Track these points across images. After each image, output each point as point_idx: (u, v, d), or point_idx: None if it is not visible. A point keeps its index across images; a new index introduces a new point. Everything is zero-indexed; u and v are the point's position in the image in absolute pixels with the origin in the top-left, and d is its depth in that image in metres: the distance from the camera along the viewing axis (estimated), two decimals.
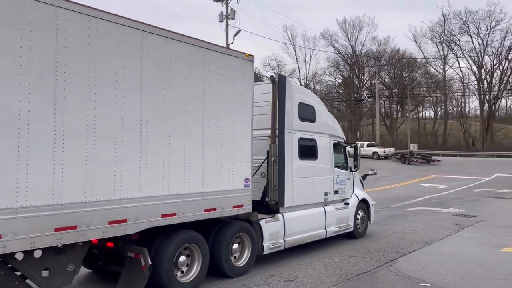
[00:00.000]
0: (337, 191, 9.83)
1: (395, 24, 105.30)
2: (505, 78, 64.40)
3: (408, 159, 40.21)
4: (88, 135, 5.10)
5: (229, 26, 30.27)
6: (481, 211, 15.18)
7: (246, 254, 7.42)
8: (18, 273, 4.91)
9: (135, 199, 5.60)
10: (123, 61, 5.50)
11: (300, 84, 76.04)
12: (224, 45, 30.17)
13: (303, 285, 6.90)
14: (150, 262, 5.70)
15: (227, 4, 30.49)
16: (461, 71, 68.57)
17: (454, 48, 67.48)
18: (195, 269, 6.45)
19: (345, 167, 10.37)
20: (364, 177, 11.73)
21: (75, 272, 5.26)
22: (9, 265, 4.82)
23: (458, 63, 68.28)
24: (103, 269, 6.67)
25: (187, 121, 6.28)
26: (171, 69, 6.06)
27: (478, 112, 67.71)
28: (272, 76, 8.14)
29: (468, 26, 65.27)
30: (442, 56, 68.64)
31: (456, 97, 71.68)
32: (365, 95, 70.91)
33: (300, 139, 8.67)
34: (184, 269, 6.38)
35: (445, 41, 67.51)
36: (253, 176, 7.56)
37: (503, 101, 68.67)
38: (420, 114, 78.73)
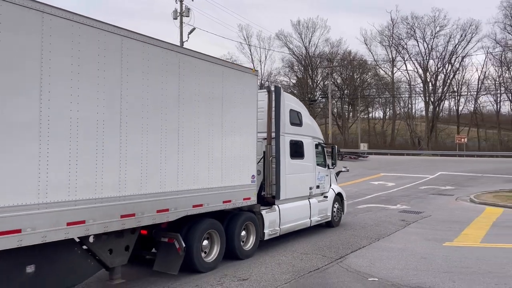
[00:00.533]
0: (318, 186, 11.17)
1: (347, 27, 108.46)
2: (448, 80, 68.16)
3: (341, 155, 43.39)
4: (143, 140, 6.36)
5: (183, 24, 29.88)
6: (426, 208, 15.96)
7: (252, 240, 8.67)
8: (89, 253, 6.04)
9: (174, 192, 6.83)
10: (183, 83, 7.07)
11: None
12: (178, 43, 29.75)
13: (256, 283, 6.95)
14: (184, 245, 6.93)
15: (181, 1, 30.08)
16: (408, 73, 71.73)
17: (402, 52, 70.59)
18: (215, 251, 7.74)
19: (324, 164, 11.67)
20: (338, 173, 12.89)
21: (129, 253, 6.49)
22: (84, 246, 5.93)
23: (406, 66, 71.53)
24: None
25: (211, 131, 7.62)
26: (200, 89, 7.40)
27: (423, 113, 71.18)
28: (268, 86, 9.65)
29: (414, 31, 68.48)
30: (391, 59, 71.55)
31: (403, 99, 74.97)
32: (318, 96, 72.49)
33: (291, 141, 9.92)
34: (207, 251, 7.63)
35: (393, 45, 70.42)
36: None
37: (446, 102, 72.47)
38: (370, 115, 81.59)
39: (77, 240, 5.74)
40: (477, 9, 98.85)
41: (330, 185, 11.89)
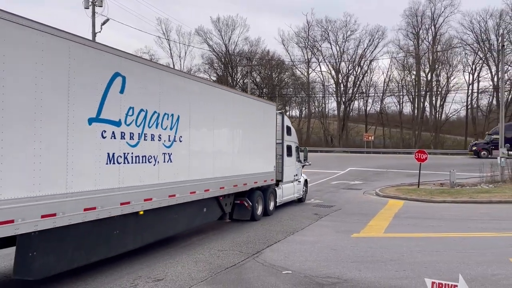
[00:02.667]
0: (297, 174, 16.21)
1: (266, 27, 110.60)
2: (358, 82, 72.70)
3: None
4: (234, 146, 11.27)
5: (96, 14, 28.24)
6: (337, 201, 16.91)
7: (272, 204, 13.83)
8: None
9: (249, 174, 11.97)
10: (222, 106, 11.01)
11: None
12: (91, 34, 28.08)
13: (172, 283, 6.81)
14: (250, 203, 12.11)
15: None
16: (322, 74, 75.13)
17: (317, 53, 73.81)
18: (260, 209, 12.91)
19: (299, 160, 16.62)
20: (303, 166, 17.41)
21: (231, 206, 11.63)
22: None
23: (320, 67, 74.87)
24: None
25: (259, 140, 12.84)
26: (233, 111, 11.37)
27: (335, 112, 75.18)
28: (282, 112, 15.14)
29: (328, 34, 71.96)
30: (306, 60, 74.51)
31: (318, 98, 78.52)
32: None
33: (287, 145, 15.03)
34: (258, 208, 12.73)
35: (309, 46, 73.36)
36: None
37: (356, 103, 77.23)
38: (288, 113, 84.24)
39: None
40: (384, 16, 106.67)
41: (301, 174, 16.81)
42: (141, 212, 7.74)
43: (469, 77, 68.55)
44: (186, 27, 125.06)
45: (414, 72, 70.52)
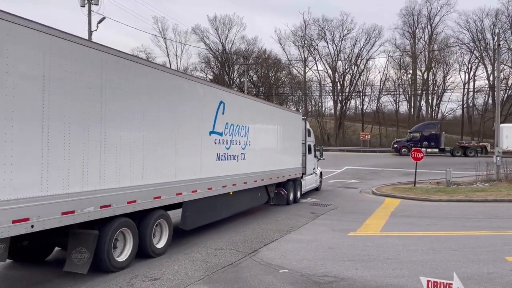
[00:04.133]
0: (315, 168, 19.50)
1: (263, 26, 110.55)
2: (354, 81, 72.82)
3: None
4: (276, 150, 14.51)
5: (92, 12, 28.14)
6: (333, 200, 16.94)
7: (299, 193, 16.74)
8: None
9: (284, 169, 14.72)
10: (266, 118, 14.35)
11: None
12: (87, 33, 27.96)
13: (168, 282, 6.80)
14: (286, 192, 15.17)
15: None
16: (318, 73, 75.22)
17: (313, 52, 73.85)
18: (292, 195, 15.80)
19: (316, 156, 19.78)
20: (318, 160, 20.41)
21: (273, 193, 14.64)
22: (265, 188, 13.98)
23: (316, 66, 75.00)
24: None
25: (291, 141, 15.92)
26: (277, 122, 14.65)
27: (332, 111, 75.29)
28: (304, 118, 18.08)
29: (325, 33, 72.01)
30: (303, 59, 74.54)
31: (314, 97, 78.61)
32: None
33: (308, 145, 18.03)
34: (290, 195, 15.66)
35: (305, 45, 73.40)
36: None
37: (353, 101, 77.38)
38: None
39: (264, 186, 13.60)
40: (381, 15, 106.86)
41: (317, 168, 20.22)
42: (231, 193, 11.27)
43: (465, 76, 68.88)
44: (183, 26, 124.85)
45: (411, 71, 70.76)
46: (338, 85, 73.42)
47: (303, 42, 73.25)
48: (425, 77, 69.60)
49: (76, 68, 6.31)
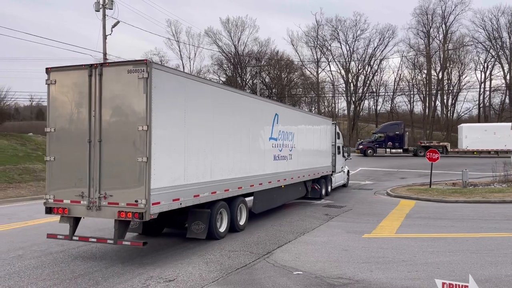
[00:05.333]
0: (343, 166, 22.01)
1: (275, 27, 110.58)
2: (368, 81, 72.34)
3: None
4: (310, 152, 16.66)
5: (107, 17, 28.50)
6: (348, 202, 16.83)
7: (330, 188, 19.05)
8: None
9: (318, 167, 17.29)
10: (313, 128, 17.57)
11: None
12: (102, 37, 28.31)
13: (183, 284, 6.84)
14: (319, 187, 17.39)
15: None
16: (331, 74, 74.93)
17: (326, 53, 73.60)
18: (324, 190, 18.05)
19: (344, 156, 22.15)
20: (345, 160, 22.70)
21: (310, 187, 17.16)
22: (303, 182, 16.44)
23: (329, 66, 74.66)
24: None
25: (322, 143, 18.16)
26: (312, 127, 17.11)
27: (345, 112, 74.86)
28: (334, 123, 20.56)
29: (338, 33, 71.73)
30: (316, 60, 74.30)
31: (327, 98, 78.25)
32: None
33: (337, 146, 20.43)
34: (323, 189, 17.89)
35: (318, 46, 73.17)
36: None
37: (366, 102, 76.86)
38: None
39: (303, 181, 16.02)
40: (394, 15, 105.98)
41: (345, 166, 22.62)
42: (283, 186, 13.71)
43: (481, 76, 67.88)
44: (196, 29, 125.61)
45: (425, 71, 69.94)
46: (352, 85, 73.00)
47: (315, 43, 73.11)
48: (440, 76, 68.75)
49: (199, 95, 9.11)
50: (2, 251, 8.91)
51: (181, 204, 8.35)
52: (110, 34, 28.44)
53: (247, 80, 76.85)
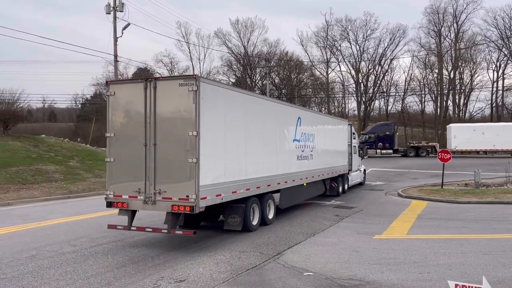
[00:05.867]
0: (359, 165, 22.78)
1: (284, 28, 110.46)
2: (378, 81, 71.92)
3: None
4: (328, 152, 17.61)
5: (117, 19, 28.78)
6: (358, 202, 16.74)
7: (346, 186, 20.00)
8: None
9: (336, 166, 18.09)
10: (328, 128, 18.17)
11: None
12: (113, 39, 28.59)
13: (194, 284, 6.88)
14: (336, 185, 18.46)
15: None
16: (341, 74, 74.64)
17: (336, 53, 73.32)
18: (341, 188, 19.09)
19: (360, 155, 23.05)
20: (362, 159, 23.61)
21: (327, 185, 17.91)
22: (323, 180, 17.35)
23: (339, 67, 74.37)
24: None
25: (339, 143, 19.12)
26: (330, 129, 18.08)
27: (356, 112, 74.47)
28: (350, 123, 21.30)
29: (348, 33, 71.44)
30: (326, 60, 74.05)
31: (337, 98, 77.96)
32: None
33: (353, 146, 21.25)
34: (340, 187, 19.02)
35: (328, 46, 72.93)
36: None
37: (377, 102, 76.40)
38: None
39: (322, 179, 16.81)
40: (405, 14, 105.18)
41: (362, 165, 23.45)
42: (305, 184, 14.67)
43: (493, 75, 67.05)
44: (205, 30, 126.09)
45: (437, 71, 69.35)
46: (362, 85, 72.63)
47: (325, 43, 72.89)
48: (452, 76, 68.06)
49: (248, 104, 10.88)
50: (16, 251, 9.05)
51: (222, 199, 9.50)
52: (121, 36, 28.74)
53: (257, 81, 76.92)
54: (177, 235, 9.72)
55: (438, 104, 70.14)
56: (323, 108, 75.79)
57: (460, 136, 45.72)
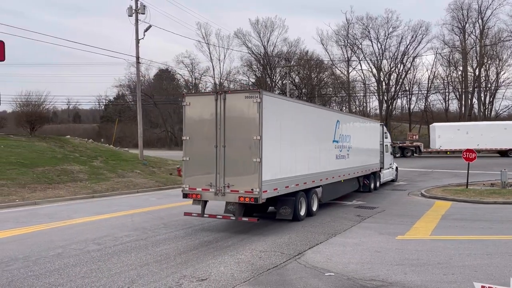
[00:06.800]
0: (391, 163, 23.84)
1: (304, 27, 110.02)
2: (400, 80, 70.79)
3: None
4: (361, 151, 18.68)
5: (139, 21, 29.19)
6: (380, 203, 16.53)
7: (378, 183, 21.07)
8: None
9: (369, 164, 19.56)
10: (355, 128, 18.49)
11: (215, 83, 76.16)
12: (135, 41, 29.01)
13: (215, 283, 6.93)
14: (368, 182, 19.68)
15: None
16: (363, 73, 73.81)
17: (357, 52, 72.53)
18: (372, 185, 20.18)
19: (392, 153, 24.47)
20: (394, 157, 25.20)
21: (361, 184, 19.26)
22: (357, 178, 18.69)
23: (360, 65, 73.55)
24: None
25: (371, 142, 20.35)
26: (364, 129, 19.32)
27: (377, 111, 73.53)
28: (382, 124, 22.52)
29: (369, 31, 70.58)
30: (346, 59, 73.37)
31: (358, 97, 77.13)
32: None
33: (385, 145, 22.37)
34: (372, 184, 20.13)
35: (348, 45, 72.24)
36: None
37: (399, 101, 75.27)
38: None
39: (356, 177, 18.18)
40: (427, 11, 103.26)
41: (394, 163, 24.55)
42: (342, 181, 16.08)
43: None
44: (225, 31, 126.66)
45: (461, 68, 67.83)
46: (384, 84, 71.66)
47: (346, 42, 72.23)
48: (477, 73, 66.45)
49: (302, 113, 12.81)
50: (43, 249, 9.30)
51: (278, 192, 11.07)
52: (143, 38, 29.12)
53: (277, 81, 76.86)
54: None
55: (463, 102, 68.61)
56: (343, 108, 75.12)
57: (444, 135, 45.16)
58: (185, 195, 10.99)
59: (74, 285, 6.88)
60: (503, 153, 44.78)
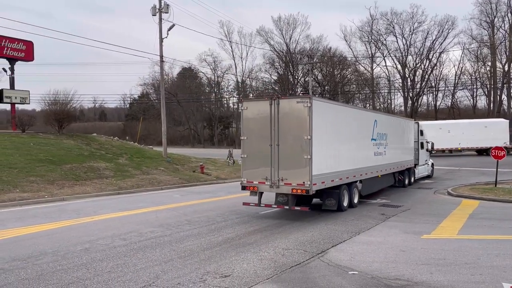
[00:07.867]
0: (426, 160, 24.65)
1: (327, 23, 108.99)
2: (426, 76, 69.34)
3: None
4: (397, 146, 19.64)
5: (163, 20, 29.53)
6: (405, 201, 16.25)
7: (413, 178, 22.18)
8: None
9: (402, 161, 20.13)
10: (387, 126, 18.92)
11: (237, 81, 76.38)
12: (158, 40, 29.37)
13: (238, 279, 6.97)
14: (403, 178, 20.76)
15: None
16: (387, 69, 72.63)
17: (381, 48, 71.43)
18: (407, 181, 21.12)
19: (428, 150, 24.75)
20: (430, 153, 25.69)
21: (396, 179, 20.46)
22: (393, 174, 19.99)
23: (385, 61, 72.41)
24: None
25: (404, 139, 20.71)
26: (399, 128, 20.19)
27: (402, 108, 72.26)
28: (417, 122, 24.16)
29: (393, 27, 69.40)
30: (370, 55, 72.32)
31: (383, 94, 75.94)
32: (299, 92, 72.88)
33: (420, 142, 23.11)
34: (406, 180, 21.05)
35: (372, 41, 71.19)
36: None
37: (425, 97, 73.76)
38: None
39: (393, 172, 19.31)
40: (454, 5, 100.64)
41: (429, 159, 25.41)
42: (379, 176, 17.10)
43: None
44: (248, 28, 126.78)
45: (489, 63, 65.89)
46: (409, 80, 70.36)
47: (370, 38, 71.25)
48: (506, 69, 64.39)
49: (342, 114, 13.87)
50: (71, 244, 9.56)
51: (325, 185, 12.46)
52: (166, 37, 29.42)
53: (299, 78, 76.47)
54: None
55: (491, 98, 66.66)
56: (367, 104, 74.14)
57: (427, 134, 43.70)
58: (244, 187, 12.50)
59: (101, 280, 7.05)
60: (481, 152, 42.87)
